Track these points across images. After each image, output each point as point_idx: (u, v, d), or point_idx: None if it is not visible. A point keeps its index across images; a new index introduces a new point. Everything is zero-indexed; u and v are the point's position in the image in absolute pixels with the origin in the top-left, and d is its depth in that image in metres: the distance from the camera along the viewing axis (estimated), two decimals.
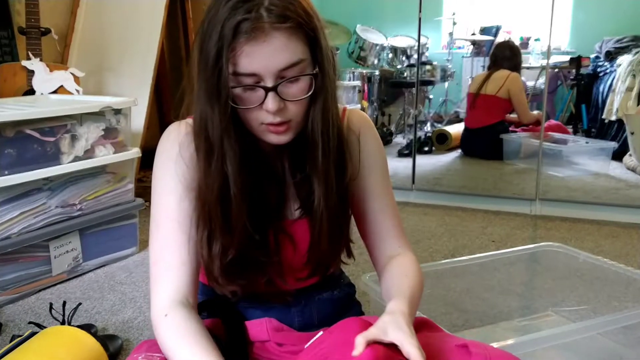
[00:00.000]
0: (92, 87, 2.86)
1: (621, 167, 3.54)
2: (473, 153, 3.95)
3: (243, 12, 0.74)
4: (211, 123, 0.80)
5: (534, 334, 1.25)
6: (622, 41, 3.77)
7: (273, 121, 0.80)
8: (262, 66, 0.76)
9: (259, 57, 0.75)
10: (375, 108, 4.52)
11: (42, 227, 1.97)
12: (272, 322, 0.96)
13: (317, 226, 0.89)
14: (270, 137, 0.83)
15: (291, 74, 0.78)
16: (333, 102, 0.86)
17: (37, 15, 2.51)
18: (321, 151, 0.85)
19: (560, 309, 1.81)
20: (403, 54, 4.44)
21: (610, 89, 3.72)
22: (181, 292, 0.85)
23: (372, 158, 0.98)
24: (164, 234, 0.87)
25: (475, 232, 2.67)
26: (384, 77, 4.48)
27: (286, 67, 0.77)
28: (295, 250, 0.94)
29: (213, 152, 0.82)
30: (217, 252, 0.84)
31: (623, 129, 3.58)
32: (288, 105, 0.80)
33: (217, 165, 0.82)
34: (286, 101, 0.79)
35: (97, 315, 1.81)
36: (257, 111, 0.80)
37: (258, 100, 0.79)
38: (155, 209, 0.89)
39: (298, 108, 0.82)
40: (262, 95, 0.78)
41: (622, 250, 2.43)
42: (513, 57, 3.82)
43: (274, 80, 0.77)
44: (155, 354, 0.83)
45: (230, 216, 0.84)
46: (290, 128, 0.83)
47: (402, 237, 1.00)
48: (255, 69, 0.76)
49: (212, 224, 0.84)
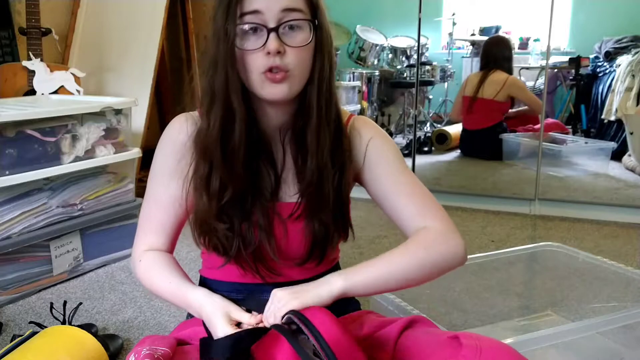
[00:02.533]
0: (93, 87, 2.87)
1: (620, 167, 3.54)
2: (472, 154, 3.95)
3: None
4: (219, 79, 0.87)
5: (534, 334, 1.25)
6: (622, 41, 3.77)
7: (272, 64, 0.85)
8: (264, 4, 0.83)
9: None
10: (375, 108, 4.53)
11: (42, 227, 1.97)
12: None
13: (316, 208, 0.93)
14: (268, 90, 0.87)
15: (292, 17, 0.85)
16: (330, 61, 0.91)
17: (37, 16, 2.51)
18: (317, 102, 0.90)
19: (560, 309, 1.81)
20: (403, 54, 4.44)
21: (609, 89, 3.72)
22: (154, 247, 0.99)
23: (380, 148, 0.99)
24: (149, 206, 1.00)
25: (475, 232, 2.68)
26: (384, 78, 4.48)
27: (287, 9, 0.84)
28: (286, 234, 0.95)
29: (217, 102, 0.88)
30: (216, 190, 0.90)
31: (622, 129, 3.59)
32: (288, 51, 0.85)
33: (219, 105, 0.88)
34: (286, 46, 0.85)
35: (97, 315, 1.82)
36: (258, 56, 0.85)
37: (261, 43, 0.84)
38: (148, 185, 1.01)
39: (297, 56, 0.86)
40: (265, 37, 0.84)
41: (621, 250, 2.43)
42: (508, 58, 3.81)
43: (275, 21, 0.84)
44: (159, 347, 0.84)
45: (230, 153, 0.89)
46: (287, 79, 0.87)
47: (426, 213, 0.97)
48: (259, 6, 0.83)
49: (212, 162, 0.90)
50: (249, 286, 0.99)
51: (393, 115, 4.60)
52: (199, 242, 0.95)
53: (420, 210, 0.97)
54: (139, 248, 1.00)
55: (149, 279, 0.98)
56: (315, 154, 0.92)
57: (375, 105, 4.51)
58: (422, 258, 0.91)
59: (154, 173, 1.00)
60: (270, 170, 0.95)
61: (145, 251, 0.99)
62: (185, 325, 0.99)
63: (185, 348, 0.91)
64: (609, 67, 3.80)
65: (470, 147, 3.95)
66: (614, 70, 3.72)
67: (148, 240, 1.00)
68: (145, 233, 1.00)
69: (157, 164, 1.00)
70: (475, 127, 3.90)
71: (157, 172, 0.99)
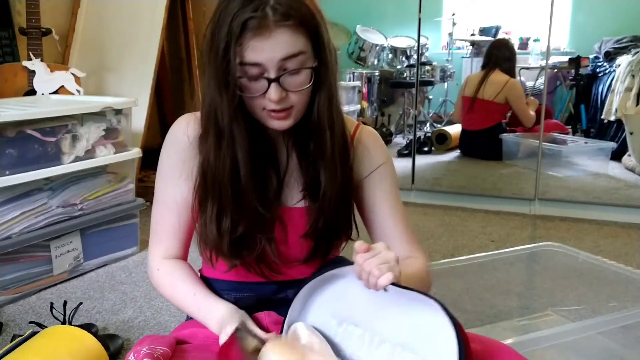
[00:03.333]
0: (93, 88, 2.87)
1: (620, 167, 3.54)
2: (472, 154, 3.95)
3: (251, 10, 0.80)
4: (220, 110, 0.86)
5: (534, 334, 1.26)
6: (621, 41, 3.77)
7: (275, 108, 0.86)
8: (265, 58, 0.82)
9: (263, 51, 0.82)
10: (375, 108, 4.53)
11: (43, 227, 1.97)
12: (272, 315, 0.97)
13: (320, 211, 0.94)
14: (272, 123, 0.88)
15: (292, 65, 0.84)
16: (336, 91, 0.92)
17: (37, 16, 2.51)
18: (329, 137, 0.91)
19: (560, 309, 1.81)
20: (403, 54, 4.44)
21: (609, 89, 3.72)
22: (170, 254, 1.00)
23: (382, 168, 1.02)
24: (160, 209, 1.00)
25: (475, 232, 2.68)
26: (384, 78, 4.48)
27: (287, 57, 0.83)
28: (287, 237, 0.96)
29: (223, 137, 0.88)
30: (227, 228, 0.91)
31: (622, 129, 3.59)
32: (290, 94, 0.86)
33: (228, 148, 0.88)
34: (288, 91, 0.85)
35: (97, 315, 1.82)
36: (260, 99, 0.86)
37: (262, 89, 0.84)
38: (156, 187, 1.01)
39: (299, 97, 0.87)
40: (266, 85, 0.84)
41: (621, 250, 2.43)
42: (509, 59, 3.81)
43: (276, 71, 0.83)
44: (158, 346, 0.84)
45: (241, 196, 0.90)
46: (291, 114, 0.88)
47: (413, 242, 1.03)
48: (260, 60, 0.82)
49: (222, 201, 0.91)
50: (249, 284, 1.00)
51: (393, 115, 4.60)
52: (204, 253, 0.97)
53: (409, 238, 1.03)
54: (156, 255, 1.01)
55: (169, 288, 0.99)
56: (321, 159, 0.92)
57: (375, 105, 4.51)
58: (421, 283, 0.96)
59: (161, 176, 1.00)
60: (274, 174, 0.95)
61: (162, 259, 1.00)
62: (186, 326, 1.00)
63: (184, 347, 0.91)
64: (609, 67, 3.80)
65: (470, 148, 3.95)
66: (614, 70, 3.72)
67: (163, 246, 1.00)
68: (160, 239, 1.01)
69: (163, 167, 1.00)
70: (474, 127, 3.90)
71: (164, 174, 0.99)
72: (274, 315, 0.97)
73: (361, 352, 0.84)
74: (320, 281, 0.87)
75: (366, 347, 0.83)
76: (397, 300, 0.78)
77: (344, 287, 0.86)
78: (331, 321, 0.88)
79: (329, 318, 0.88)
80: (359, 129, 1.03)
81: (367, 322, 0.84)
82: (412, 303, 0.76)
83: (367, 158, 1.01)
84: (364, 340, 0.84)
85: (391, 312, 0.80)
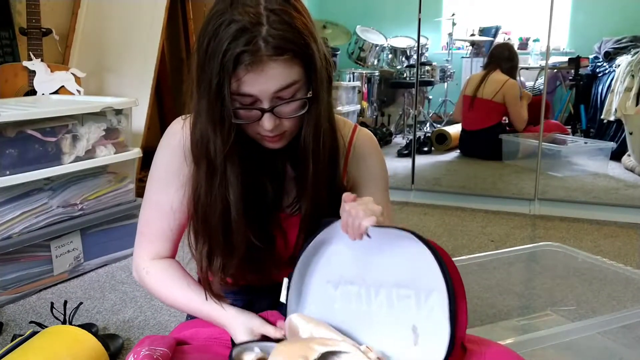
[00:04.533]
0: (93, 88, 2.87)
1: (620, 167, 3.55)
2: (472, 154, 3.95)
3: (243, 43, 0.77)
4: (213, 145, 0.85)
5: (533, 334, 1.26)
6: (621, 42, 3.77)
7: (269, 135, 0.86)
8: (258, 90, 0.81)
9: (257, 84, 0.80)
10: (375, 108, 4.53)
11: (43, 227, 1.98)
12: (275, 315, 0.97)
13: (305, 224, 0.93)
14: (266, 144, 0.89)
15: (286, 94, 0.82)
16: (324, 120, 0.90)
17: (38, 16, 2.51)
18: (312, 161, 0.90)
19: (559, 309, 1.82)
20: (403, 54, 4.44)
21: (609, 90, 3.72)
22: (160, 255, 0.99)
23: (374, 172, 1.03)
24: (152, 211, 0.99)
25: (475, 232, 2.68)
26: (384, 78, 4.48)
27: (281, 89, 0.81)
28: (286, 245, 0.96)
29: (215, 174, 0.87)
30: (218, 268, 0.91)
31: (622, 129, 3.59)
32: (283, 121, 0.85)
33: (220, 188, 0.87)
34: (281, 118, 0.84)
35: (98, 315, 1.82)
36: (254, 126, 0.85)
37: (255, 118, 0.84)
38: (148, 189, 0.99)
39: (292, 123, 0.87)
40: (259, 115, 0.83)
41: (620, 250, 2.43)
42: (510, 59, 3.82)
43: (269, 102, 0.82)
44: (158, 347, 0.84)
45: (231, 238, 0.89)
46: (284, 137, 0.88)
47: None
48: (253, 93, 0.81)
49: (212, 242, 0.90)
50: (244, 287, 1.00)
51: (393, 115, 4.61)
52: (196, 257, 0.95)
53: None
54: (144, 256, 0.99)
55: (164, 290, 0.97)
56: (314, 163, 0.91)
57: (375, 106, 4.51)
58: None
59: (154, 179, 0.99)
60: (271, 182, 0.94)
61: (151, 260, 0.98)
62: (186, 326, 1.00)
63: (184, 348, 0.91)
64: (609, 67, 3.81)
65: (470, 147, 3.96)
66: (614, 70, 3.73)
67: (153, 249, 0.98)
68: (150, 240, 0.99)
69: (156, 171, 0.98)
70: (474, 127, 3.91)
71: (158, 178, 0.98)
72: (276, 314, 0.97)
73: (362, 309, 0.86)
74: (310, 252, 0.89)
75: (365, 302, 0.86)
76: (381, 245, 0.81)
77: (331, 251, 0.89)
78: (328, 288, 0.90)
79: (325, 285, 0.90)
80: (356, 132, 1.02)
81: (360, 276, 0.86)
82: (394, 241, 0.80)
83: (362, 162, 1.01)
84: (361, 295, 0.86)
85: (379, 258, 0.84)
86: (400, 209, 3.12)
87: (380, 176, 1.04)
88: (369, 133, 1.05)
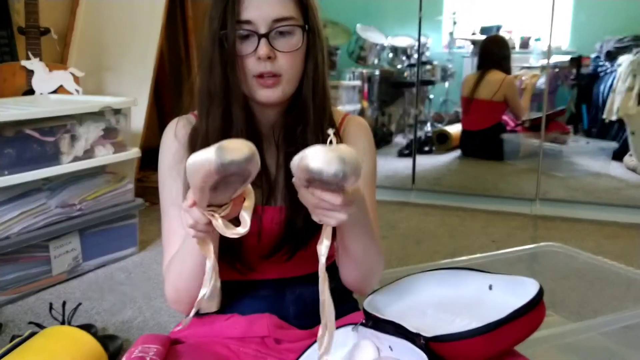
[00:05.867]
0: (92, 87, 2.86)
1: (622, 167, 3.54)
2: (473, 154, 3.94)
3: None
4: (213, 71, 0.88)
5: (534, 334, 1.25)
6: (623, 41, 3.76)
7: (263, 70, 0.87)
8: (257, 14, 0.86)
9: (256, 6, 0.86)
10: (376, 108, 4.52)
11: (42, 227, 1.97)
12: (273, 318, 0.96)
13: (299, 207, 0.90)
14: (261, 93, 0.89)
15: (283, 27, 0.87)
16: (323, 68, 0.93)
17: (36, 15, 2.51)
18: (312, 107, 0.92)
19: (560, 309, 1.81)
20: (403, 53, 4.43)
21: (610, 89, 3.71)
22: None
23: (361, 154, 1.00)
24: (169, 221, 0.97)
25: (476, 232, 2.67)
26: (384, 77, 4.48)
27: (278, 19, 0.86)
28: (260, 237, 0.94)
29: (215, 96, 0.89)
30: None
31: (623, 129, 3.58)
32: (278, 56, 0.88)
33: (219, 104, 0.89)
34: (277, 51, 0.87)
35: (96, 316, 1.81)
36: (251, 60, 0.87)
37: (252, 48, 0.87)
38: (160, 199, 0.99)
39: (288, 61, 0.88)
40: (256, 43, 0.86)
41: (622, 250, 2.43)
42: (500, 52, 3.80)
43: (266, 28, 0.86)
44: (152, 345, 0.84)
45: None
46: (279, 83, 0.89)
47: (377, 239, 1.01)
48: (251, 17, 0.86)
49: None
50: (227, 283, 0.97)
51: (393, 115, 4.60)
52: None
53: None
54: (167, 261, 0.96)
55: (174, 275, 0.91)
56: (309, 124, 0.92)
57: (375, 105, 4.51)
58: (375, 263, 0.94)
59: (162, 185, 0.98)
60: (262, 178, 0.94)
61: None
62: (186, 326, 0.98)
63: (179, 347, 0.90)
64: (610, 66, 3.80)
65: (471, 148, 3.95)
66: (615, 70, 3.72)
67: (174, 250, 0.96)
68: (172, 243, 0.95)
69: (162, 177, 0.98)
70: (473, 127, 3.90)
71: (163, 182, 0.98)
72: (275, 318, 0.96)
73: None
74: None
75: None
76: None
77: None
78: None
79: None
80: (345, 119, 1.03)
81: None
82: None
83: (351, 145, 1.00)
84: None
85: None
86: (400, 209, 3.11)
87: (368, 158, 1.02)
88: (359, 119, 1.06)
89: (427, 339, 0.79)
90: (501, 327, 0.78)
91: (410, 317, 0.89)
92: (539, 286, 0.82)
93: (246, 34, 0.87)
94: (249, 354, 0.92)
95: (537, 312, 0.82)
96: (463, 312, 0.88)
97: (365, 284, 0.97)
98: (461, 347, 0.78)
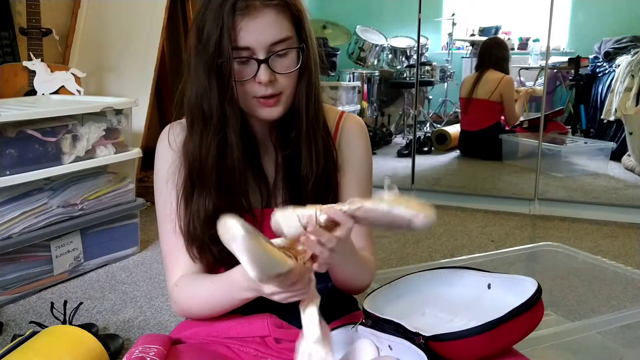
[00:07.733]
0: (93, 88, 2.87)
1: (620, 167, 3.55)
2: (472, 154, 3.95)
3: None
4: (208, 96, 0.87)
5: (533, 333, 1.25)
6: (621, 42, 3.77)
7: (265, 93, 0.88)
8: (254, 40, 0.85)
9: (252, 32, 0.85)
10: (375, 108, 4.53)
11: (43, 227, 1.97)
12: (273, 318, 0.96)
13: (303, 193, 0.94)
14: (262, 111, 0.90)
15: (280, 48, 0.87)
16: (316, 79, 0.94)
17: (38, 16, 2.51)
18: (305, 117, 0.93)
19: (560, 309, 1.82)
20: (403, 54, 4.44)
21: (609, 90, 3.72)
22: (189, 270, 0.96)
23: (357, 157, 1.02)
24: (166, 229, 0.97)
25: (475, 232, 2.68)
26: (384, 78, 4.49)
27: (275, 42, 0.86)
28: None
29: (210, 121, 0.88)
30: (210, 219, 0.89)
31: (622, 129, 3.59)
32: (278, 78, 0.88)
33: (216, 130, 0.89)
34: (276, 73, 0.87)
35: (98, 315, 1.82)
36: (250, 84, 0.87)
37: (252, 73, 0.87)
38: (156, 209, 1.00)
39: (288, 81, 0.89)
40: (255, 68, 0.86)
41: (620, 250, 2.44)
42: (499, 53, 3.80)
43: (265, 53, 0.86)
44: (153, 345, 0.84)
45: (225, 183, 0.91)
46: (280, 101, 0.90)
47: (370, 240, 1.04)
48: (249, 43, 0.85)
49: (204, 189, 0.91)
50: None
51: (393, 115, 4.61)
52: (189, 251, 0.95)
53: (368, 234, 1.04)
54: (175, 274, 0.97)
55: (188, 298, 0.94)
56: (308, 159, 0.93)
57: (375, 106, 4.51)
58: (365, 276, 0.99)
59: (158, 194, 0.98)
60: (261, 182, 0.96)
61: (182, 276, 0.96)
62: (186, 326, 0.99)
63: (180, 346, 0.90)
64: (609, 67, 3.81)
65: (469, 148, 3.96)
66: (614, 70, 3.73)
67: (181, 263, 0.96)
68: (176, 257, 0.96)
69: (158, 184, 0.98)
70: (472, 128, 3.91)
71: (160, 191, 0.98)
72: (275, 318, 0.96)
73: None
74: None
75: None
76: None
77: None
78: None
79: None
80: (342, 117, 1.03)
81: None
82: None
83: (346, 147, 1.01)
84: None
85: None
86: None
87: (359, 165, 1.03)
88: (356, 118, 1.06)
89: (426, 338, 0.80)
90: (500, 326, 0.79)
91: (409, 316, 0.90)
92: (537, 285, 0.83)
93: (244, 61, 0.87)
94: (249, 354, 0.93)
95: (535, 311, 0.83)
96: (462, 311, 0.89)
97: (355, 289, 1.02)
98: (460, 346, 0.79)
